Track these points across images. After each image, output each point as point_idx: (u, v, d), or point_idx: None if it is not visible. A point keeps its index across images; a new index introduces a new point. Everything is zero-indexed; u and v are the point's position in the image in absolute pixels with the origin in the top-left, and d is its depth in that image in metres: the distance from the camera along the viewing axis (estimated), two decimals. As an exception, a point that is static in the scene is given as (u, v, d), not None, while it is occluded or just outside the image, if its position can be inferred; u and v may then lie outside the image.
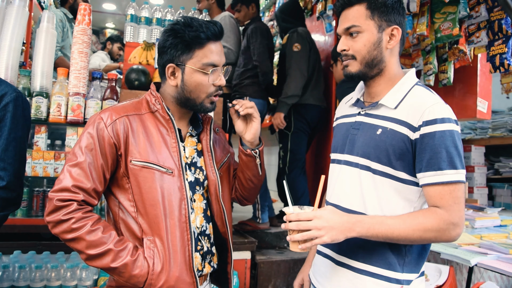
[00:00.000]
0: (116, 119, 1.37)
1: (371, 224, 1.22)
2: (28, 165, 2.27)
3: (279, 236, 3.42)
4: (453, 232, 1.23)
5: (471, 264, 2.22)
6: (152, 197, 1.35)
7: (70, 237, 1.27)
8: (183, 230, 1.38)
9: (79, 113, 2.33)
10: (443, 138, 1.22)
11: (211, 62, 1.41)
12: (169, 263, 1.34)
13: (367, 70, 1.37)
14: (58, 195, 1.28)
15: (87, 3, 2.47)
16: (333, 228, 1.19)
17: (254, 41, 3.48)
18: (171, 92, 1.47)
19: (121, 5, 8.05)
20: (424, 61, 3.26)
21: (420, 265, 1.35)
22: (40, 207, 2.38)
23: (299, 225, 1.19)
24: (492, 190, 5.30)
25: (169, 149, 1.41)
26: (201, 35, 1.39)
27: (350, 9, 1.36)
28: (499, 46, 2.56)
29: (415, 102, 1.30)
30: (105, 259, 1.27)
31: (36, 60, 2.31)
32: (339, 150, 1.46)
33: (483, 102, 3.45)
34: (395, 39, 1.36)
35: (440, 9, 2.81)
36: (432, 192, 1.24)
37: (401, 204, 1.30)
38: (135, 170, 1.36)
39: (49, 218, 1.28)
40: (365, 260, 1.33)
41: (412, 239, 1.23)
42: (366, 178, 1.34)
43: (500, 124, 5.30)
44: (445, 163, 1.22)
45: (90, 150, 1.33)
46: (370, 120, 1.37)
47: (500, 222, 3.35)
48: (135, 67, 2.67)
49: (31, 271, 2.13)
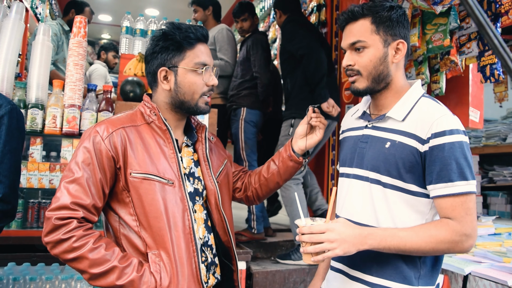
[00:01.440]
0: (113, 132, 1.35)
1: (383, 236, 1.21)
2: (23, 176, 2.27)
3: (274, 246, 3.42)
4: (466, 243, 1.22)
5: (465, 273, 2.23)
6: (155, 209, 1.33)
7: (71, 257, 1.22)
8: (188, 241, 1.35)
9: (74, 124, 2.34)
10: (453, 150, 1.22)
11: (203, 62, 1.44)
12: (176, 276, 1.30)
13: (374, 86, 1.36)
14: (57, 214, 1.24)
15: (83, 16, 2.49)
16: (346, 241, 1.19)
17: (255, 53, 3.53)
18: (164, 99, 1.47)
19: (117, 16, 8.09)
20: (416, 72, 3.29)
21: (435, 278, 1.33)
22: (35, 219, 2.38)
23: (312, 238, 1.19)
24: (486, 199, 5.33)
25: (167, 159, 1.40)
26: (191, 35, 1.42)
27: (355, 23, 1.35)
28: (489, 57, 2.60)
29: (423, 114, 1.29)
30: (110, 277, 1.23)
31: (32, 72, 2.32)
32: (347, 164, 1.46)
33: (475, 111, 3.48)
34: (400, 53, 1.35)
35: (431, 20, 2.85)
36: (443, 204, 1.24)
37: (413, 216, 1.30)
38: (136, 182, 1.33)
39: (47, 239, 1.23)
40: (379, 274, 1.31)
41: (425, 251, 1.22)
42: (376, 192, 1.33)
43: (493, 133, 5.34)
44: (455, 174, 1.22)
45: (88, 165, 1.30)
46: (378, 133, 1.37)
47: (494, 231, 3.36)
48: (130, 79, 2.69)
49: (26, 283, 2.12)
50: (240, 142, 3.47)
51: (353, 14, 1.35)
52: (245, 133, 3.48)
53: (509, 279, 2.05)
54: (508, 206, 5.03)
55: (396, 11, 1.35)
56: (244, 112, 3.48)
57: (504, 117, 5.49)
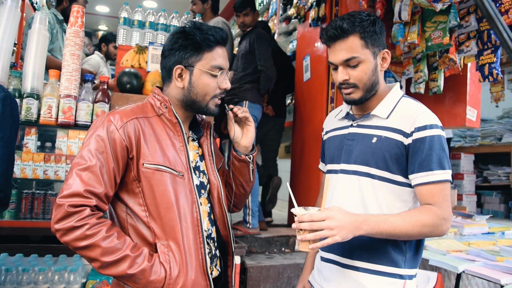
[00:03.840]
0: (127, 122, 1.35)
1: (376, 222, 1.30)
2: (17, 167, 2.25)
3: (269, 241, 3.42)
4: (444, 227, 1.35)
5: (459, 271, 2.24)
6: (167, 200, 1.33)
7: (83, 245, 1.21)
8: (196, 233, 1.37)
9: (70, 115, 2.32)
10: (433, 142, 1.35)
11: (219, 65, 1.44)
12: (185, 266, 1.32)
13: (367, 94, 1.46)
14: (70, 201, 1.22)
15: (80, 6, 2.46)
16: (344, 227, 1.25)
17: (260, 47, 3.56)
18: (176, 95, 1.47)
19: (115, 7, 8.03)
20: (415, 69, 3.29)
21: (418, 261, 1.47)
22: (28, 210, 2.36)
23: (313, 226, 1.24)
24: (480, 198, 5.36)
25: (177, 152, 1.41)
26: (211, 38, 1.42)
27: (345, 40, 1.42)
28: (488, 56, 2.60)
29: (406, 111, 1.43)
30: (122, 266, 1.22)
31: (28, 61, 2.29)
32: (335, 161, 1.56)
33: (472, 110, 3.49)
34: (386, 61, 1.48)
35: (431, 18, 2.85)
36: (424, 191, 1.36)
37: (397, 205, 1.42)
38: (148, 173, 1.33)
39: (58, 226, 1.21)
40: (370, 260, 1.42)
41: (411, 234, 1.33)
42: (365, 183, 1.44)
43: (489, 133, 5.36)
44: (435, 164, 1.35)
45: (101, 153, 1.29)
46: (364, 131, 1.48)
47: (488, 230, 3.38)
48: (127, 70, 2.66)
49: (18, 274, 2.11)
50: None
51: (342, 30, 1.40)
52: None
53: (502, 278, 2.06)
54: (502, 206, 5.06)
55: (377, 24, 1.44)
56: (246, 106, 3.49)
57: (500, 117, 5.51)
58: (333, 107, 3.74)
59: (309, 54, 4.31)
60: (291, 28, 5.90)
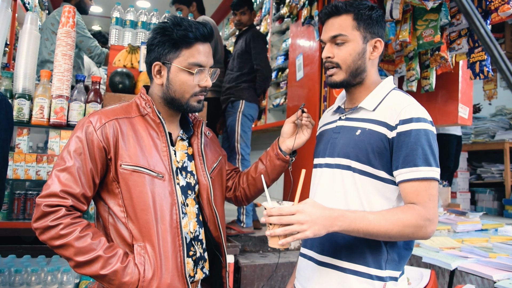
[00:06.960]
0: (106, 123, 1.35)
1: (352, 218, 1.21)
2: (9, 167, 2.24)
3: (262, 240, 3.43)
4: (429, 228, 1.24)
5: (452, 268, 2.26)
6: (143, 202, 1.33)
7: (58, 244, 1.23)
8: (174, 235, 1.35)
9: (62, 115, 2.31)
10: (419, 136, 1.27)
11: (197, 62, 1.41)
12: (160, 269, 1.31)
13: (350, 79, 1.42)
14: (46, 201, 1.24)
15: (71, 6, 2.46)
16: (316, 222, 1.17)
17: (256, 46, 3.58)
18: (158, 92, 1.46)
19: (108, 7, 8.00)
20: (407, 67, 3.31)
21: (402, 264, 1.37)
22: (21, 211, 2.35)
23: (281, 220, 1.16)
24: (474, 195, 5.39)
25: (159, 153, 1.39)
26: (189, 35, 1.39)
27: (337, 18, 1.41)
28: (479, 54, 2.61)
29: (392, 103, 1.36)
30: (94, 266, 1.23)
31: (19, 62, 2.28)
32: (320, 155, 1.50)
33: (464, 108, 3.51)
34: (377, 51, 1.43)
35: (422, 16, 2.86)
36: (408, 189, 1.27)
37: (379, 202, 1.33)
38: (125, 174, 1.33)
39: (36, 225, 1.24)
40: (349, 259, 1.34)
41: (391, 234, 1.23)
42: (347, 177, 1.37)
43: (482, 130, 5.40)
44: (420, 160, 1.26)
45: (79, 154, 1.30)
46: (350, 123, 1.42)
47: (481, 227, 3.41)
48: (119, 70, 2.66)
49: (11, 275, 2.10)
50: (236, 135, 3.49)
51: (336, 8, 1.40)
52: (242, 126, 3.50)
53: (495, 274, 2.08)
54: (495, 203, 5.10)
55: (376, 11, 1.42)
56: (242, 105, 3.50)
57: (493, 115, 5.55)
58: (326, 105, 3.75)
59: (302, 53, 4.32)
60: (284, 27, 5.91)
